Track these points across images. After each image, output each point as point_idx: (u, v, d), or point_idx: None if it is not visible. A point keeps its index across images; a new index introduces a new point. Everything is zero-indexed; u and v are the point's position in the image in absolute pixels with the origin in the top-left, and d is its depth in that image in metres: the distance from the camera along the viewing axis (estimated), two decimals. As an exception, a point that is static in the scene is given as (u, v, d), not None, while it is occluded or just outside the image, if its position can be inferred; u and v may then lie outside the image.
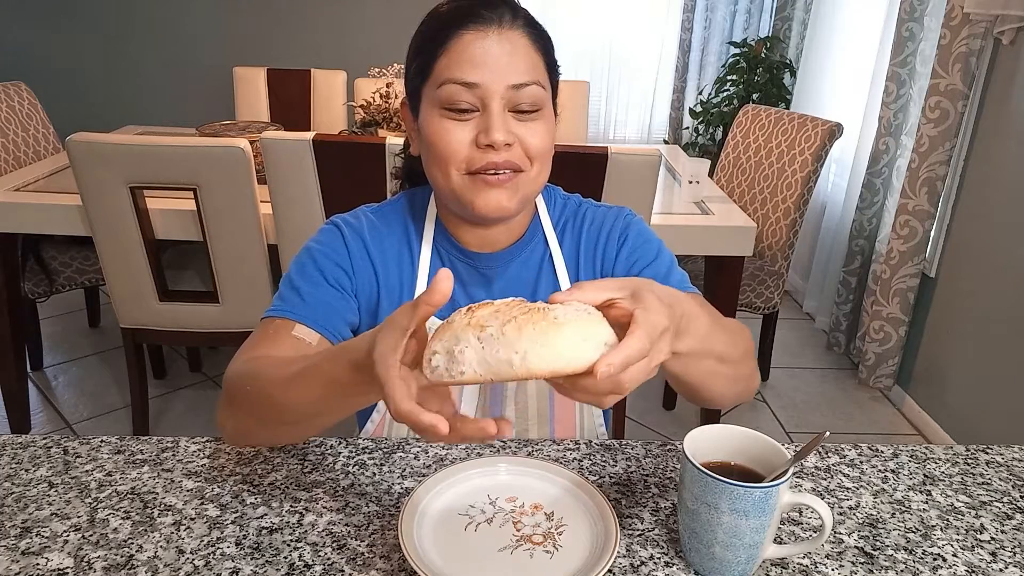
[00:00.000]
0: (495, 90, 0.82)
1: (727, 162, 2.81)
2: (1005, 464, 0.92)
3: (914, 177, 2.45)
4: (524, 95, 0.83)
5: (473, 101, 0.82)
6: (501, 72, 0.81)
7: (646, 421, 2.53)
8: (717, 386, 0.80)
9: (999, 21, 2.17)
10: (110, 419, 2.42)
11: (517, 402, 0.98)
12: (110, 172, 1.80)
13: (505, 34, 0.82)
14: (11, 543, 0.74)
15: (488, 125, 0.82)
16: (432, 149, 0.85)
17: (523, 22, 0.84)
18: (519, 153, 0.84)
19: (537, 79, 0.84)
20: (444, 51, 0.82)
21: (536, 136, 0.85)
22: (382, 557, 0.73)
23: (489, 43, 0.82)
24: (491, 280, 0.96)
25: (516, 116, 0.84)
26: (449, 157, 0.84)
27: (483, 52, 0.81)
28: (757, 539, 0.68)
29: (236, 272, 1.97)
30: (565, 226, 1.00)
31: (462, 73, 0.81)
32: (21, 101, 2.61)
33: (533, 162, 0.86)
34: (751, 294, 2.45)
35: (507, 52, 0.82)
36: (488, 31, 0.82)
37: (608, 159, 1.72)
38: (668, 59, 3.92)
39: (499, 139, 0.82)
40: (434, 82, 0.83)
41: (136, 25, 3.71)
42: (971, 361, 2.33)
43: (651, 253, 0.98)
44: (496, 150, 0.82)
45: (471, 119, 0.83)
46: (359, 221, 0.96)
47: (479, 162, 0.83)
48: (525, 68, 0.83)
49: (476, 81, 0.81)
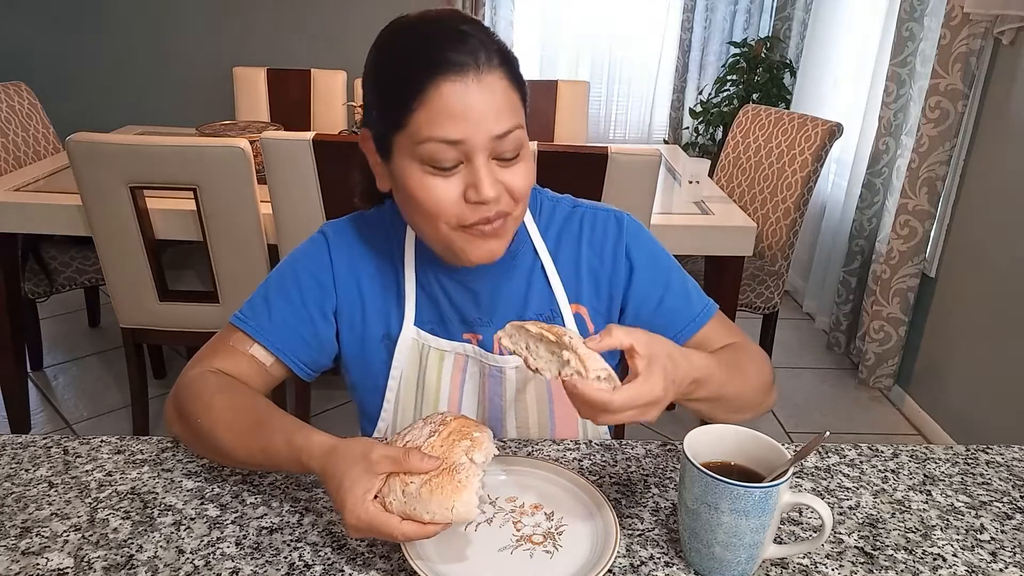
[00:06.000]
0: (479, 143, 0.77)
1: (727, 162, 2.81)
2: (1005, 464, 0.92)
3: (914, 177, 2.45)
4: (507, 142, 0.79)
5: (457, 156, 0.78)
6: (484, 124, 0.77)
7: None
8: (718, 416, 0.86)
9: (999, 21, 2.17)
10: (110, 419, 2.42)
11: (517, 413, 0.98)
12: (110, 172, 1.80)
13: (484, 80, 0.77)
14: (11, 543, 0.74)
15: (477, 181, 0.78)
16: (417, 204, 0.81)
17: (498, 59, 0.79)
18: (506, 199, 0.81)
19: (518, 121, 0.80)
20: (420, 104, 0.76)
21: (519, 178, 0.82)
22: (382, 557, 0.73)
23: (470, 94, 0.76)
24: (478, 294, 0.94)
25: (499, 163, 0.80)
26: (438, 214, 0.80)
27: (464, 106, 0.76)
28: (757, 539, 0.68)
29: (236, 272, 1.97)
30: (560, 234, 0.96)
31: (444, 131, 0.76)
32: (21, 101, 2.60)
33: (518, 203, 0.83)
34: (751, 294, 2.45)
35: (488, 101, 0.77)
36: (466, 79, 0.76)
37: (608, 159, 1.72)
38: (668, 59, 3.92)
39: (491, 196, 0.79)
40: (411, 136, 0.78)
41: (136, 25, 3.71)
42: (971, 361, 2.33)
43: (661, 281, 0.96)
44: (486, 204, 0.80)
45: (456, 173, 0.79)
46: (349, 232, 0.95)
47: (470, 218, 0.80)
48: (507, 114, 0.79)
49: (460, 138, 0.77)
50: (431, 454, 0.69)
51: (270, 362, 0.92)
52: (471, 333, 0.96)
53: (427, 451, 0.70)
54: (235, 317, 0.93)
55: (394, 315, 0.95)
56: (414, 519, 0.67)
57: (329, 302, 0.94)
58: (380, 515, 0.68)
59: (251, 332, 0.91)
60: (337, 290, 0.94)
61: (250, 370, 0.91)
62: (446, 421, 0.73)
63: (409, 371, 0.96)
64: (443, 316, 0.95)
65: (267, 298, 0.93)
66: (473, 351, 0.96)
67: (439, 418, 0.74)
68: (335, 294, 0.94)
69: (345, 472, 0.69)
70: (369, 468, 0.69)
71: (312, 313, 0.93)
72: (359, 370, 0.98)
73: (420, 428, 0.74)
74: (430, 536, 0.68)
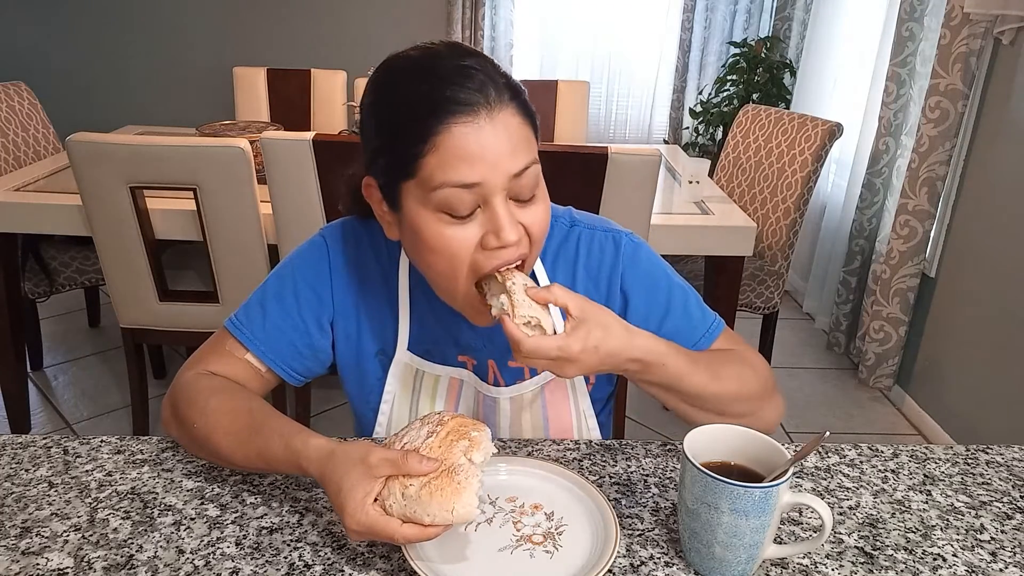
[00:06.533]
0: (497, 184, 0.73)
1: (727, 162, 2.81)
2: (1005, 464, 0.92)
3: (914, 177, 2.45)
4: (525, 180, 0.75)
5: (474, 201, 0.74)
6: (501, 164, 0.73)
7: (646, 421, 2.54)
8: (694, 416, 0.86)
9: (999, 21, 2.17)
10: (110, 419, 2.42)
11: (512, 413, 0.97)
12: (110, 172, 1.80)
13: (496, 117, 0.73)
14: (11, 543, 0.74)
15: (498, 225, 0.74)
16: (434, 257, 0.77)
17: (508, 93, 0.74)
18: (524, 242, 0.78)
19: (534, 156, 0.76)
20: (431, 149, 0.72)
21: (538, 217, 0.78)
22: (382, 557, 0.73)
23: (484, 135, 0.72)
24: None
25: (516, 204, 0.77)
26: (457, 265, 0.77)
27: (479, 146, 0.72)
28: (757, 539, 0.68)
29: (236, 272, 1.97)
30: (557, 255, 0.94)
31: (459, 176, 0.72)
32: (21, 101, 2.60)
33: (535, 245, 0.80)
34: (751, 294, 2.45)
35: (502, 139, 0.73)
36: (478, 118, 0.72)
37: (608, 159, 1.71)
38: (668, 59, 3.92)
39: (512, 239, 0.75)
40: (424, 184, 0.73)
41: (136, 25, 3.71)
42: (971, 361, 2.33)
43: (660, 305, 0.92)
44: (507, 249, 0.76)
45: (473, 220, 0.75)
46: (349, 240, 0.94)
47: (487, 265, 0.76)
48: (522, 150, 0.75)
49: (477, 180, 0.72)
50: (429, 455, 0.69)
51: (264, 369, 0.92)
52: (465, 356, 0.95)
53: (425, 452, 0.70)
54: (230, 322, 0.92)
55: (389, 333, 0.94)
56: (414, 521, 0.67)
57: (326, 313, 0.93)
58: (380, 519, 0.68)
59: (244, 341, 0.91)
60: (335, 301, 0.93)
61: (246, 374, 0.91)
62: (443, 421, 0.73)
63: (402, 395, 0.95)
64: (437, 338, 0.94)
65: (263, 305, 0.92)
66: (468, 376, 0.95)
67: (436, 418, 0.74)
68: (332, 305, 0.93)
69: (344, 476, 0.69)
70: (368, 472, 0.69)
71: (308, 324, 0.92)
72: (354, 382, 0.98)
73: (418, 429, 0.74)
74: (431, 538, 0.68)
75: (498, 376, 0.95)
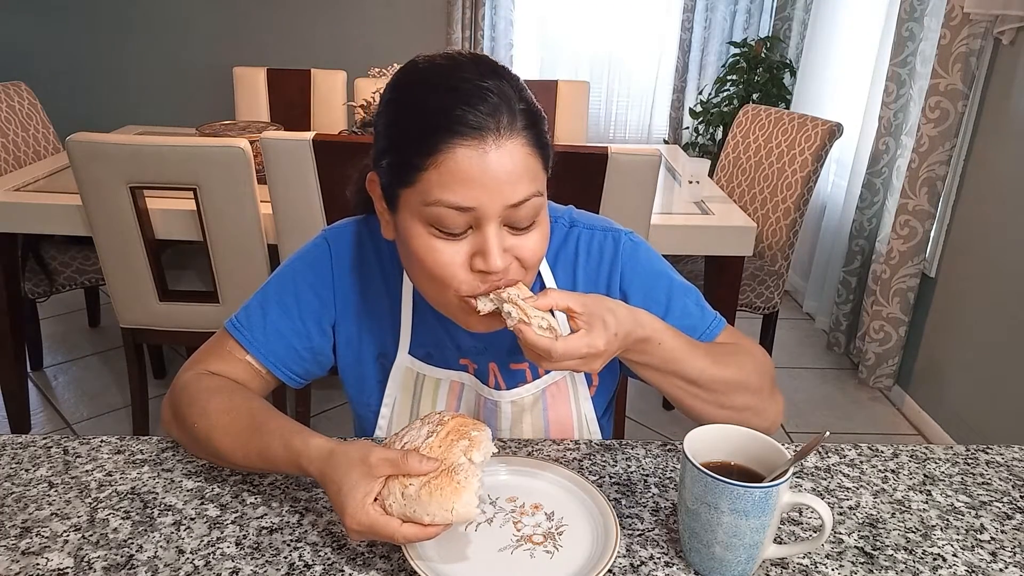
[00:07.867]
0: (492, 211, 0.72)
1: (727, 162, 2.81)
2: (1005, 464, 0.92)
3: (914, 177, 2.45)
4: (522, 211, 0.74)
5: (467, 222, 0.73)
6: (499, 192, 0.72)
7: (646, 421, 2.54)
8: (696, 406, 0.85)
9: (999, 21, 2.17)
10: (110, 419, 2.42)
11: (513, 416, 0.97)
12: (110, 172, 1.80)
13: (503, 145, 0.71)
14: (11, 543, 0.74)
15: (485, 251, 0.74)
16: (421, 267, 0.77)
17: (523, 121, 0.73)
18: (515, 267, 0.77)
19: (537, 189, 0.75)
20: (433, 164, 0.71)
21: (532, 245, 0.77)
22: (382, 557, 0.73)
23: (488, 161, 0.71)
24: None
25: (511, 231, 0.76)
26: (443, 280, 0.76)
27: (480, 172, 0.71)
28: (757, 539, 0.68)
29: (236, 272, 1.97)
30: (557, 256, 0.93)
31: (456, 197, 0.71)
32: (21, 101, 2.60)
33: (528, 271, 0.79)
34: (751, 294, 2.45)
35: (506, 169, 0.72)
36: (485, 144, 0.71)
37: (608, 159, 1.72)
38: (668, 59, 3.92)
39: (499, 267, 0.74)
40: (420, 196, 0.73)
41: (136, 25, 3.71)
42: (971, 361, 2.33)
43: (659, 304, 0.91)
44: (494, 274, 0.75)
45: (464, 238, 0.75)
46: (352, 242, 0.93)
47: (473, 289, 0.76)
48: (524, 182, 0.73)
49: (472, 206, 0.72)
50: (429, 455, 0.69)
51: (264, 371, 0.92)
52: (467, 359, 0.95)
53: (425, 452, 0.70)
54: (230, 323, 0.92)
55: (390, 336, 0.94)
56: (414, 521, 0.68)
57: (328, 316, 0.93)
58: (380, 518, 0.68)
59: (244, 343, 0.91)
60: (336, 304, 0.93)
61: (246, 375, 0.91)
62: (444, 421, 0.74)
63: (403, 399, 0.95)
64: (438, 341, 0.94)
65: (263, 307, 0.92)
66: (469, 380, 0.95)
67: (436, 418, 0.74)
68: (334, 308, 0.93)
69: (344, 476, 0.69)
70: (368, 471, 0.69)
71: (308, 326, 0.92)
72: (355, 384, 0.98)
73: (418, 428, 0.74)
74: (431, 538, 0.68)
75: (499, 379, 0.95)
